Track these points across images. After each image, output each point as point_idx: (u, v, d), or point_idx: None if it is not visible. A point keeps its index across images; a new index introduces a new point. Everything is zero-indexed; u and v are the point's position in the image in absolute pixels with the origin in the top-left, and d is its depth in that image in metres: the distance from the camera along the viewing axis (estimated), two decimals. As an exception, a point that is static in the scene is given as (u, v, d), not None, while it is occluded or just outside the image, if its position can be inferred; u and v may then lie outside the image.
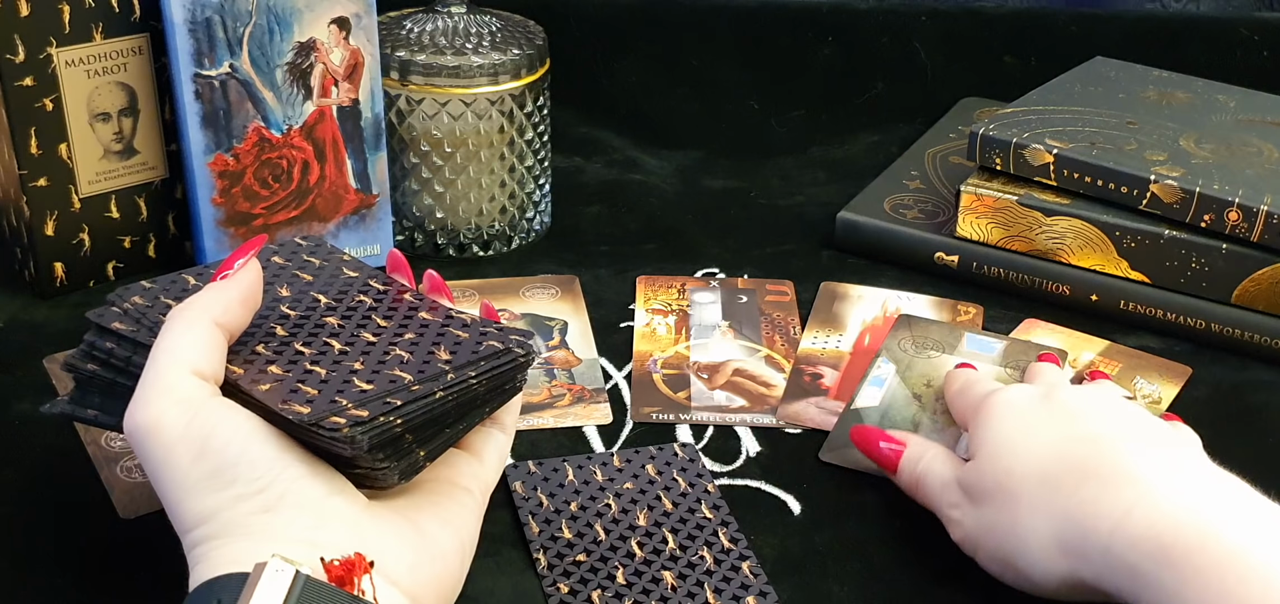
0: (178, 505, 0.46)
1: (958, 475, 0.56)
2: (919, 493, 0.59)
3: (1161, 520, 0.47)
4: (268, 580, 0.41)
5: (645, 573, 0.55)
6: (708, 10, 1.05)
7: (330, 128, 0.75)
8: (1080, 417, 0.54)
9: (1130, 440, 0.52)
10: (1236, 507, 0.48)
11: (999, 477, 0.53)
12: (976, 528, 0.54)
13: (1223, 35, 1.03)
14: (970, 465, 0.55)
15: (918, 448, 0.60)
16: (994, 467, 0.54)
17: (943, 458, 0.58)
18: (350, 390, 0.48)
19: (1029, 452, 0.53)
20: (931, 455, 0.59)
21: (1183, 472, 0.50)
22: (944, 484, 0.57)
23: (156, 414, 0.46)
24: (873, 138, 1.01)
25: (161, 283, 0.54)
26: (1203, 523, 0.46)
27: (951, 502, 0.56)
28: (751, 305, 0.77)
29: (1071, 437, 0.53)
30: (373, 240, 0.79)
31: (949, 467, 0.57)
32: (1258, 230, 0.71)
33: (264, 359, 0.50)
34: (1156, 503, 0.48)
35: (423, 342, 0.52)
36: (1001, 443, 0.54)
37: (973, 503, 0.55)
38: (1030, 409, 0.55)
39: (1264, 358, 0.72)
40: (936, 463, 0.58)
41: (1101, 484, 0.50)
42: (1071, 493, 0.50)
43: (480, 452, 0.54)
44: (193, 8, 0.70)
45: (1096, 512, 0.49)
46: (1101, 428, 0.53)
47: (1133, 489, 0.49)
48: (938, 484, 0.57)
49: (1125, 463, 0.50)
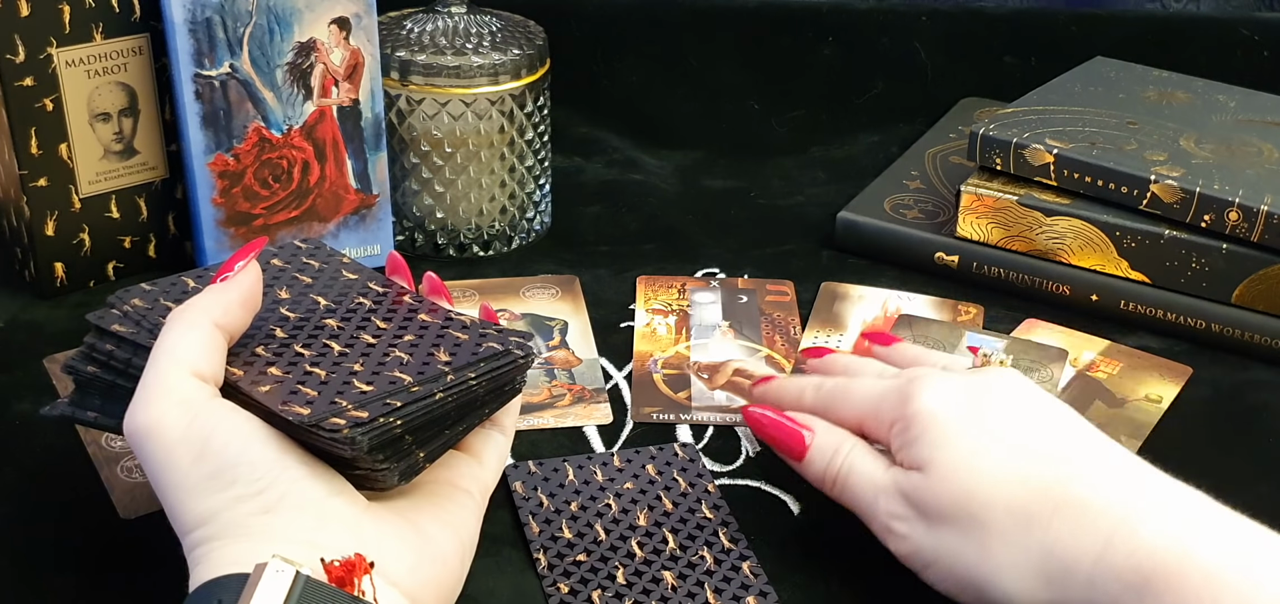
0: (178, 506, 0.46)
1: (899, 485, 0.52)
2: (838, 493, 0.55)
3: (1140, 549, 0.46)
4: (268, 581, 0.41)
5: (645, 573, 0.55)
6: (708, 10, 1.05)
7: (330, 128, 0.75)
8: (1024, 429, 0.51)
9: (1084, 456, 0.50)
10: (1211, 525, 0.47)
11: (958, 499, 0.50)
12: (933, 549, 0.51)
13: (1223, 35, 1.03)
14: (919, 480, 0.52)
15: (831, 438, 0.55)
16: (951, 487, 0.51)
17: (867, 456, 0.54)
18: (350, 392, 0.48)
19: (990, 476, 0.50)
20: (852, 451, 0.55)
21: (1150, 492, 0.49)
22: (878, 491, 0.53)
23: (157, 416, 0.46)
24: (873, 138, 1.01)
25: (161, 285, 0.55)
26: (1181, 548, 0.46)
27: (893, 513, 0.52)
28: (752, 305, 0.77)
29: (1029, 457, 0.50)
30: (373, 240, 0.79)
31: (879, 469, 0.54)
32: (1258, 230, 0.71)
33: (264, 361, 0.50)
34: (1134, 530, 0.47)
35: (422, 343, 0.52)
36: (956, 463, 0.51)
37: (925, 521, 0.51)
38: (972, 421, 0.52)
39: (1264, 358, 0.72)
40: (862, 461, 0.54)
41: (1077, 514, 0.48)
42: (1046, 526, 0.48)
43: (480, 453, 0.54)
44: (193, 8, 0.70)
45: (1076, 546, 0.48)
46: (1051, 443, 0.51)
47: (1107, 518, 0.47)
48: (868, 490, 0.54)
49: (1095, 491, 0.48)
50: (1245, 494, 0.62)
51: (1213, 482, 0.62)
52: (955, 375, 0.54)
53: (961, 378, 0.54)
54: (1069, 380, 0.70)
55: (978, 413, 0.52)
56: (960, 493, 0.50)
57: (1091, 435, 0.52)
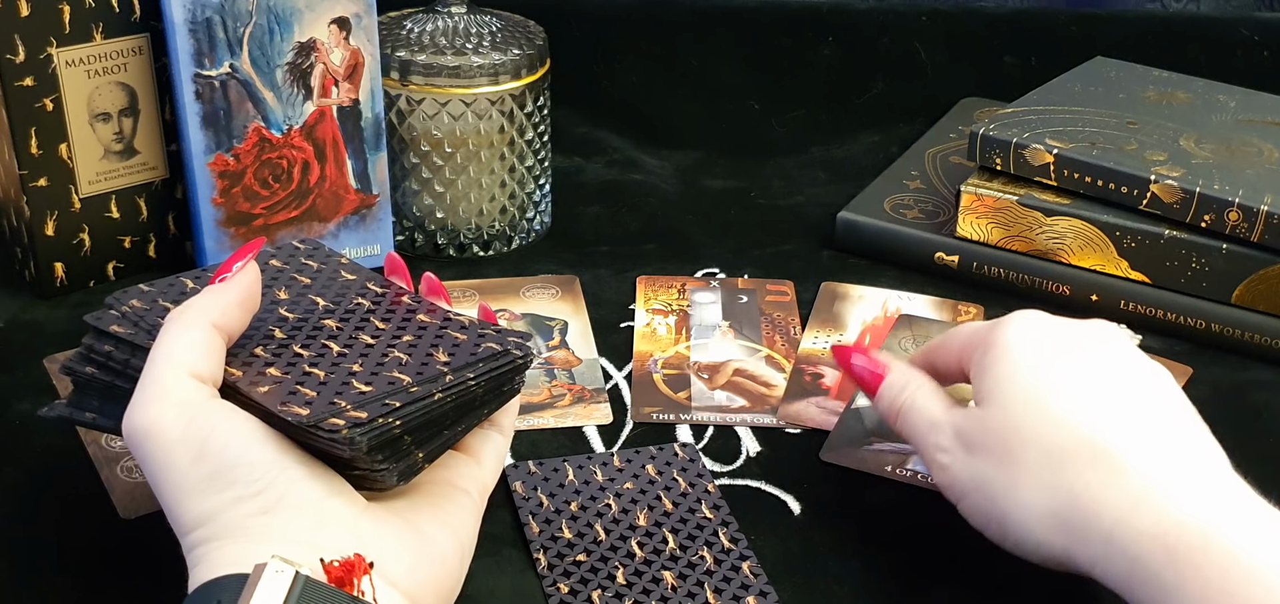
0: (177, 507, 0.46)
1: (952, 419, 0.54)
2: (899, 424, 0.57)
3: (1166, 517, 0.47)
4: (267, 581, 0.41)
5: (645, 573, 0.55)
6: (708, 10, 1.05)
7: (330, 128, 0.75)
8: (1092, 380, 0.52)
9: (1140, 417, 0.51)
10: (1240, 509, 0.47)
11: (1005, 433, 0.52)
12: (968, 477, 0.53)
13: (1223, 35, 1.03)
14: (974, 413, 0.54)
15: (902, 376, 0.58)
16: (1000, 417, 0.52)
17: (930, 392, 0.57)
18: (349, 392, 0.48)
19: (1038, 416, 0.51)
20: (917, 387, 0.57)
21: (1191, 470, 0.49)
22: (932, 423, 0.55)
23: (155, 416, 0.46)
24: (873, 138, 1.01)
25: (159, 286, 0.55)
26: (1206, 523, 0.46)
27: (940, 445, 0.54)
28: (752, 305, 0.77)
29: (1082, 406, 0.51)
30: (373, 240, 0.79)
31: (938, 405, 0.56)
32: (1258, 230, 0.71)
33: (262, 361, 0.50)
34: (1164, 499, 0.47)
35: (421, 343, 0.52)
36: (1012, 399, 0.52)
37: (967, 451, 0.53)
38: (1045, 362, 0.53)
39: (1264, 358, 0.72)
40: (923, 396, 0.57)
41: (1110, 470, 0.49)
42: (1078, 473, 0.49)
43: (478, 453, 0.54)
44: (193, 8, 0.70)
45: (1103, 498, 0.48)
46: (1113, 398, 0.51)
47: (1141, 481, 0.48)
48: (924, 422, 0.56)
49: (1135, 453, 0.49)
50: (1245, 494, 0.62)
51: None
52: (1050, 318, 0.55)
53: (1054, 322, 0.55)
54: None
55: (1055, 355, 0.53)
56: (1007, 428, 0.52)
57: (1164, 400, 0.52)
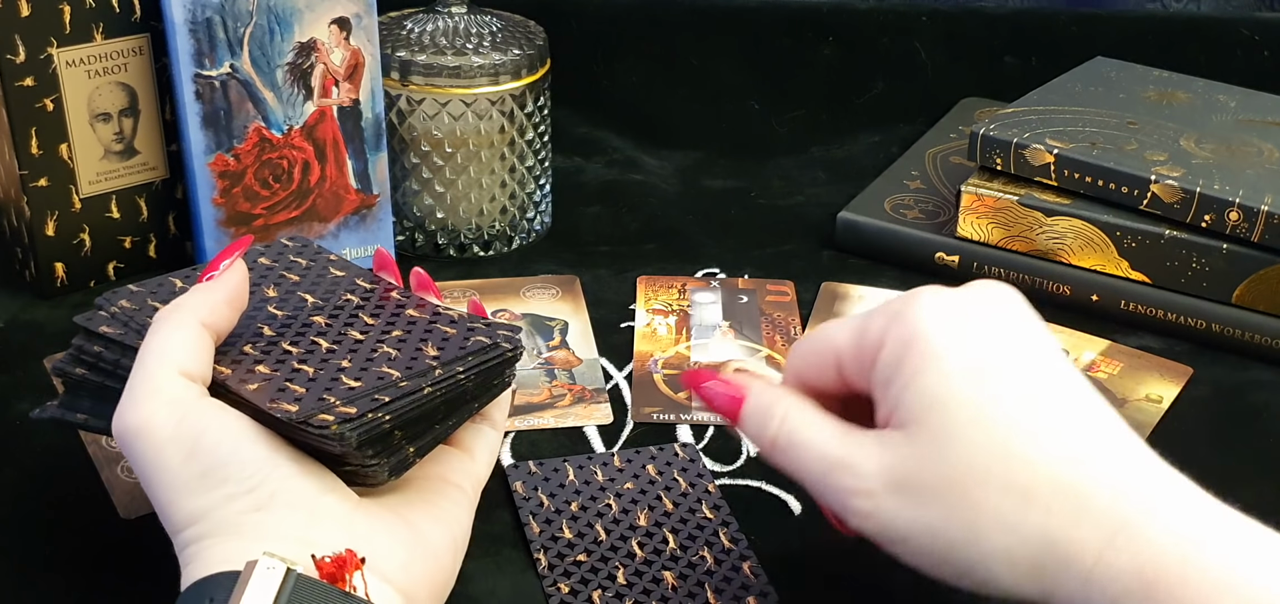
0: (169, 506, 0.46)
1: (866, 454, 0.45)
2: (780, 460, 0.48)
3: (1144, 551, 0.43)
4: (259, 578, 0.41)
5: (646, 573, 0.55)
6: (708, 10, 1.05)
7: (331, 128, 0.75)
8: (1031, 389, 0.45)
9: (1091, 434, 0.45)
10: (1215, 526, 0.44)
11: (954, 471, 0.44)
12: (908, 527, 0.45)
13: (1223, 35, 1.03)
14: (900, 446, 0.45)
15: (767, 397, 0.48)
16: (945, 455, 0.44)
17: (812, 417, 0.47)
18: (338, 388, 0.48)
19: (988, 447, 0.44)
20: (792, 411, 0.48)
21: (1155, 485, 0.45)
22: (832, 463, 0.46)
23: (146, 415, 0.46)
24: (873, 138, 1.01)
25: (149, 286, 0.55)
26: (1187, 553, 0.42)
27: (853, 488, 0.45)
28: (752, 305, 0.77)
29: (1034, 427, 0.44)
30: (373, 241, 0.79)
31: (829, 434, 0.47)
32: (1258, 230, 0.71)
33: (252, 359, 0.50)
34: (1139, 530, 0.43)
35: (410, 338, 0.52)
36: (953, 424, 0.44)
37: (901, 496, 0.45)
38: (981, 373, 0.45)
39: (1264, 358, 0.72)
40: (805, 423, 0.47)
41: (1076, 503, 0.43)
42: (1045, 509, 0.43)
43: (471, 448, 0.54)
44: (193, 8, 0.70)
45: (1079, 538, 0.43)
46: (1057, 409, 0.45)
47: (1110, 513, 0.43)
48: (818, 461, 0.46)
49: (1100, 478, 0.44)
50: (1245, 494, 0.62)
51: (1213, 482, 0.62)
52: (958, 295, 0.47)
53: (966, 301, 0.47)
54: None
55: (986, 358, 0.45)
56: (957, 468, 0.44)
57: (1096, 410, 0.46)
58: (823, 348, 0.49)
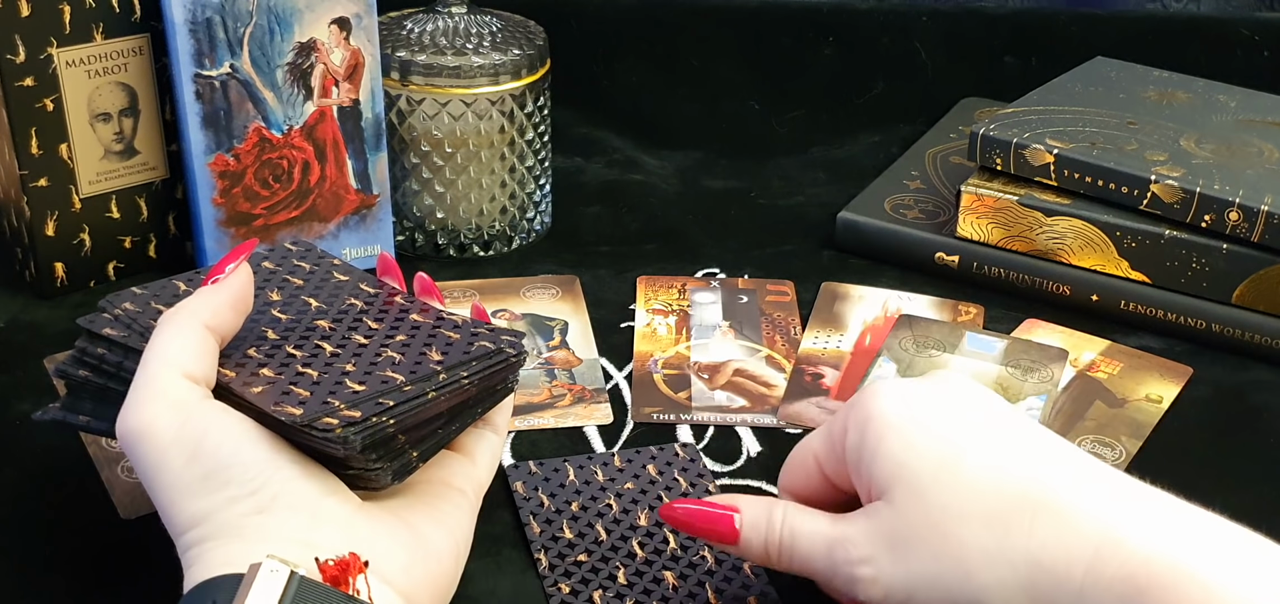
0: (171, 508, 0.46)
1: (858, 527, 0.48)
2: (787, 562, 0.50)
3: (1132, 559, 0.43)
4: (262, 581, 0.41)
5: (646, 573, 0.55)
6: (708, 10, 1.05)
7: (331, 128, 0.75)
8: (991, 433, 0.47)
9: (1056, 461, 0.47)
10: (1202, 533, 0.45)
11: (931, 515, 0.46)
12: (908, 582, 0.47)
13: (1223, 35, 1.03)
14: (882, 510, 0.47)
15: (761, 508, 0.51)
16: (921, 503, 0.46)
17: (804, 513, 0.50)
18: (342, 391, 0.48)
19: (963, 487, 0.46)
20: (787, 513, 0.50)
21: (1133, 497, 0.46)
22: (833, 541, 0.48)
23: (149, 418, 0.46)
24: (873, 138, 1.01)
25: (152, 289, 0.55)
26: (1176, 557, 0.43)
27: (855, 558, 0.48)
28: (752, 305, 0.77)
29: (1001, 462, 0.46)
30: (373, 241, 0.79)
31: (825, 521, 0.49)
32: (1258, 230, 0.71)
33: (255, 362, 0.50)
34: (1125, 538, 0.44)
35: (414, 343, 0.52)
36: (924, 479, 0.47)
37: (894, 552, 0.47)
38: (936, 425, 0.48)
39: (1264, 358, 0.72)
40: (803, 520, 0.50)
41: (1056, 519, 0.45)
42: (1027, 532, 0.45)
43: (473, 453, 0.54)
44: (193, 8, 0.70)
45: (1065, 554, 0.44)
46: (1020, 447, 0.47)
47: (1092, 525, 0.44)
48: (821, 544, 0.49)
49: (1073, 495, 0.45)
50: (1245, 494, 0.62)
51: (1213, 482, 0.62)
52: (908, 381, 0.51)
53: (915, 383, 0.50)
54: (1069, 380, 0.70)
55: (938, 416, 0.48)
56: (934, 511, 0.46)
57: (1057, 441, 0.48)
58: (803, 457, 0.53)
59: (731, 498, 0.52)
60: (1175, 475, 0.50)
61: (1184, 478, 0.51)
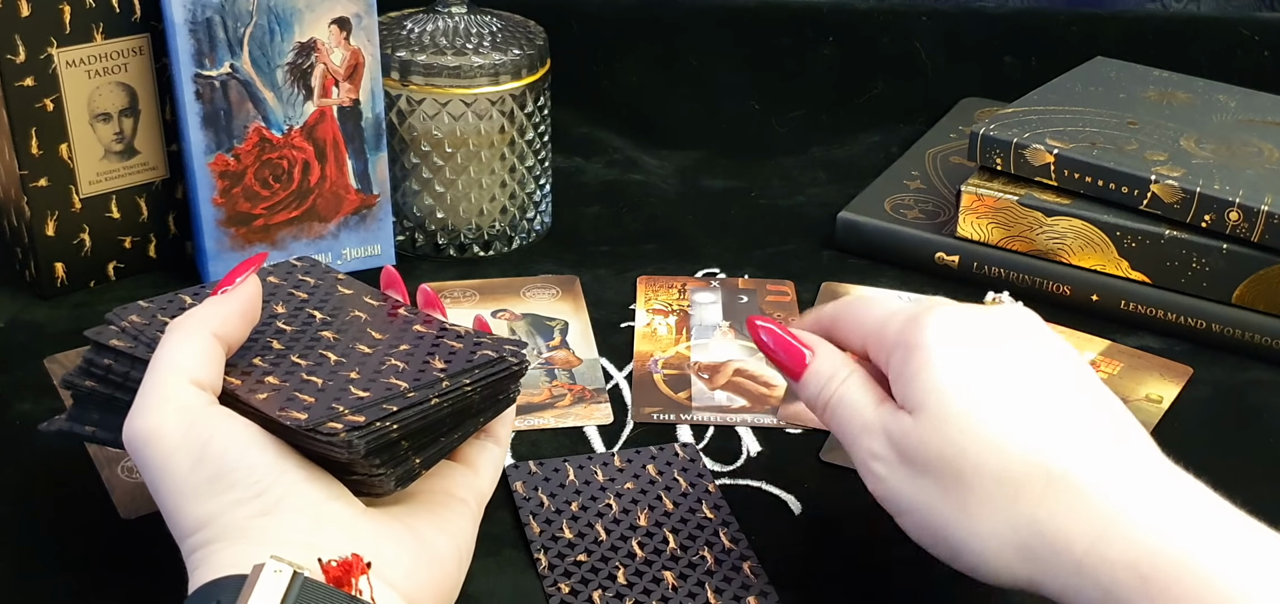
0: (176, 511, 0.46)
1: (886, 424, 0.50)
2: (828, 417, 0.53)
3: (1138, 544, 0.44)
4: (265, 581, 0.41)
5: (646, 573, 0.55)
6: (708, 10, 1.05)
7: (331, 128, 0.75)
8: (1027, 390, 0.48)
9: (1087, 431, 0.47)
10: (1211, 525, 0.45)
11: (946, 451, 0.47)
12: (911, 497, 0.49)
13: (1223, 35, 1.03)
14: (907, 421, 0.49)
15: (830, 363, 0.53)
16: (940, 436, 0.48)
17: (863, 387, 0.52)
18: (347, 397, 0.49)
19: (983, 439, 0.47)
20: (847, 379, 0.52)
21: (1151, 484, 0.46)
22: (865, 427, 0.50)
23: (156, 422, 0.47)
24: (873, 138, 1.01)
25: (159, 301, 0.56)
26: (1181, 548, 0.43)
27: (875, 452, 0.50)
28: (752, 306, 0.77)
29: (1027, 423, 0.47)
30: (373, 240, 0.79)
31: (870, 403, 0.51)
32: (1258, 230, 0.71)
33: (261, 371, 0.51)
34: (1133, 523, 0.44)
35: (417, 352, 0.53)
36: (949, 416, 0.48)
37: (907, 466, 0.49)
38: (974, 371, 0.48)
39: (1264, 358, 0.72)
40: (856, 391, 0.52)
41: (1068, 494, 0.45)
42: (1037, 500, 0.46)
43: (475, 464, 0.54)
44: (193, 8, 0.70)
45: (1069, 527, 0.45)
46: (1053, 410, 0.48)
47: (1104, 506, 0.45)
48: (856, 422, 0.51)
49: (1092, 473, 0.46)
50: (1245, 494, 0.62)
51: (1213, 482, 0.62)
52: (969, 311, 0.51)
53: (975, 316, 0.51)
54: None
55: (982, 363, 0.49)
56: (950, 449, 0.47)
57: (1098, 402, 0.49)
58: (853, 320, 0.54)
59: (812, 341, 0.54)
60: (1175, 475, 0.50)
61: (1184, 478, 0.51)
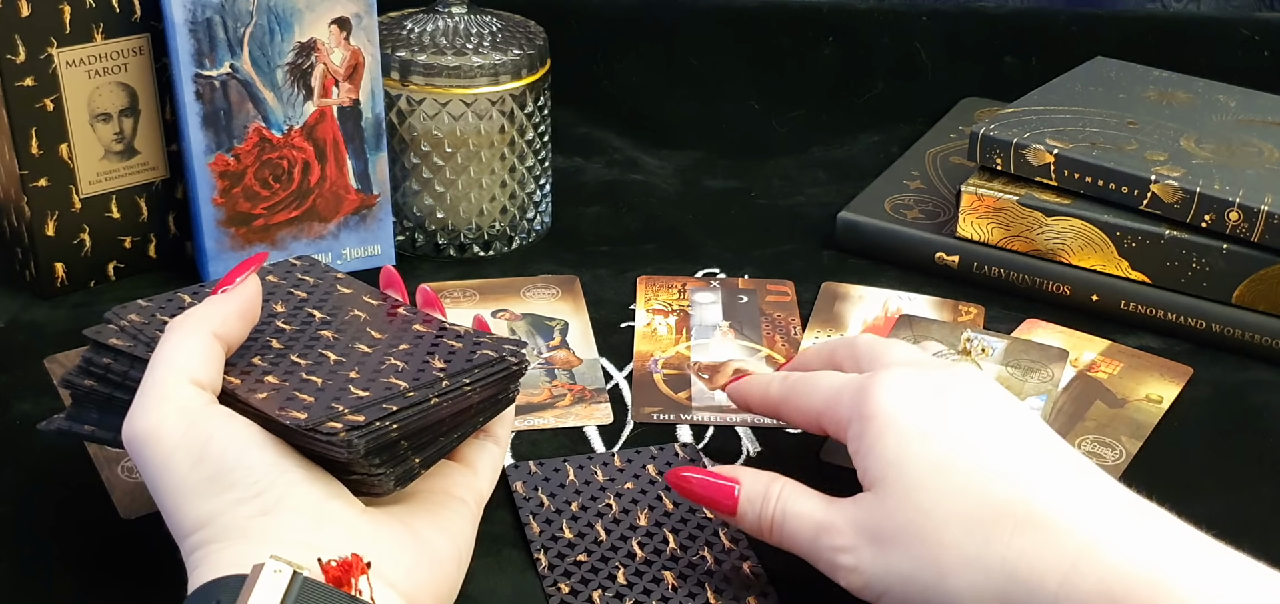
0: (176, 511, 0.46)
1: (845, 515, 0.50)
2: (777, 538, 0.52)
3: (1110, 573, 0.44)
4: (265, 581, 0.41)
5: (646, 573, 0.55)
6: (708, 10, 1.05)
7: (331, 128, 0.75)
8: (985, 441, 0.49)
9: (1048, 471, 0.48)
10: (1179, 548, 0.45)
11: (913, 518, 0.48)
12: (885, 576, 0.48)
13: (1223, 35, 1.03)
14: (870, 502, 0.49)
15: (760, 483, 0.53)
16: (907, 504, 0.48)
17: (800, 493, 0.52)
18: (347, 397, 0.49)
19: (948, 494, 0.47)
20: (783, 492, 0.52)
21: (1117, 513, 0.46)
22: (820, 527, 0.50)
23: (156, 421, 0.47)
24: (873, 138, 1.01)
25: (158, 301, 0.55)
26: (1152, 575, 0.44)
27: (838, 546, 0.50)
28: (752, 305, 0.77)
29: (989, 471, 0.48)
30: (373, 240, 0.79)
31: (816, 504, 0.51)
32: (1258, 230, 0.71)
33: (260, 370, 0.51)
34: (1103, 553, 0.45)
35: (417, 351, 0.53)
36: (912, 481, 0.48)
37: (876, 546, 0.49)
38: (931, 432, 0.49)
39: (1264, 358, 0.72)
40: (797, 500, 0.52)
41: (1037, 532, 0.46)
42: (1006, 542, 0.46)
43: (474, 464, 0.55)
44: (193, 8, 0.70)
45: (1041, 566, 0.45)
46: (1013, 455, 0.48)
47: (1072, 539, 0.45)
48: (809, 527, 0.51)
49: (1060, 507, 0.46)
50: (1245, 494, 0.62)
51: (1213, 482, 0.62)
52: (917, 373, 0.52)
53: (923, 378, 0.51)
54: (1069, 380, 0.70)
55: (938, 421, 0.49)
56: (916, 515, 0.48)
57: (1056, 448, 0.49)
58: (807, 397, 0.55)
59: (734, 470, 0.54)
60: (1175, 475, 0.50)
61: (1184, 478, 0.51)
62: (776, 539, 0.52)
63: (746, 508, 0.53)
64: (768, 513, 0.52)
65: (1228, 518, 0.48)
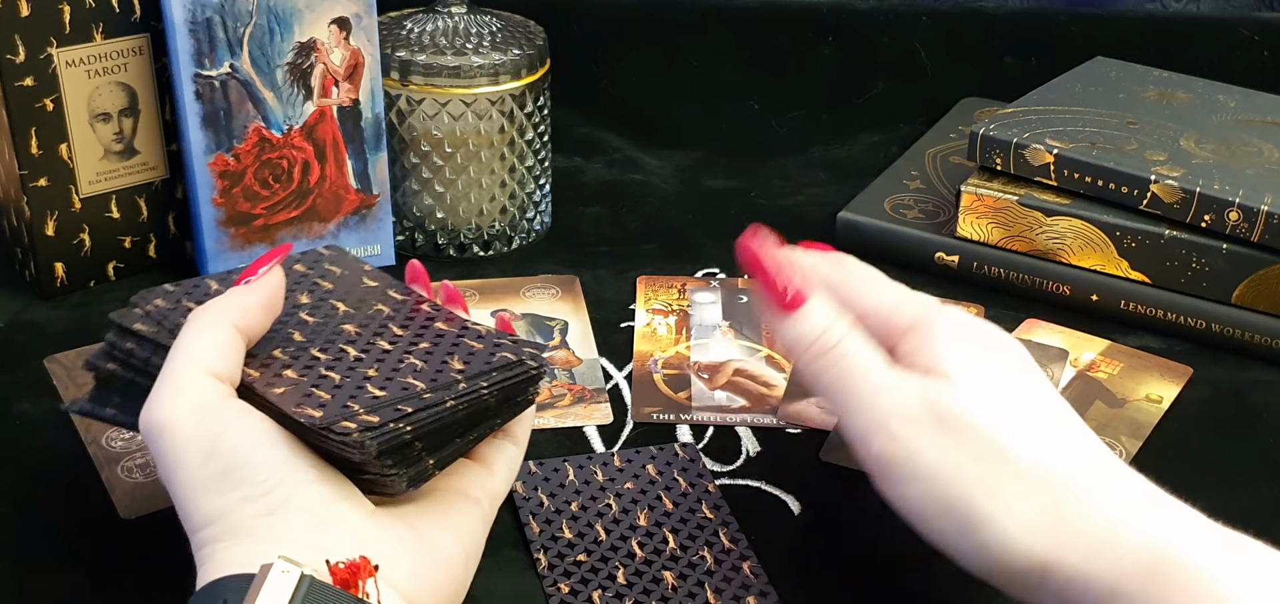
0: (187, 504, 0.46)
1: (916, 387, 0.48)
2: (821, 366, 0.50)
3: (1150, 533, 0.45)
4: (273, 582, 0.41)
5: (646, 573, 0.55)
6: (708, 10, 1.05)
7: (331, 128, 0.75)
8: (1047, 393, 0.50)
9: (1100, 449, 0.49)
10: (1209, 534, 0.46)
11: (989, 420, 0.47)
12: (932, 463, 0.47)
13: (1223, 35, 1.03)
14: (944, 386, 0.48)
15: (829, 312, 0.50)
16: (985, 404, 0.47)
17: (868, 345, 0.50)
18: (363, 396, 0.49)
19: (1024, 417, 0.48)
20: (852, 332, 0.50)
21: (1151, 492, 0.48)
22: (880, 386, 0.49)
23: (170, 413, 0.47)
24: (873, 138, 1.01)
25: (184, 286, 0.55)
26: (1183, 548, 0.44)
27: (896, 410, 0.48)
28: (752, 305, 0.77)
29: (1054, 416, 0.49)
30: (373, 240, 0.79)
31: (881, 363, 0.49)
32: (1258, 230, 0.71)
33: (280, 363, 0.50)
34: (1145, 516, 0.46)
35: (437, 351, 0.52)
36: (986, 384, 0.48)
37: (938, 428, 0.47)
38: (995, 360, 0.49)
39: (1264, 358, 0.72)
40: (861, 348, 0.50)
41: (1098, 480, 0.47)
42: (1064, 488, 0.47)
43: (490, 463, 0.54)
44: (193, 8, 0.70)
45: (1092, 512, 0.46)
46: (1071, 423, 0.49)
47: (1117, 503, 0.46)
48: (867, 382, 0.49)
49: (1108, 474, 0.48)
50: (1245, 494, 0.62)
51: (1213, 482, 0.62)
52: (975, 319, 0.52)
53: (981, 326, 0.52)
54: (1069, 380, 0.70)
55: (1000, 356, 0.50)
56: (997, 413, 0.47)
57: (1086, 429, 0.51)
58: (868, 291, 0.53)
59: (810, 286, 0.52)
60: (1175, 475, 0.50)
61: (1184, 478, 0.51)
62: (821, 369, 0.50)
63: (810, 315, 0.50)
64: (833, 336, 0.50)
65: (1228, 518, 0.48)
